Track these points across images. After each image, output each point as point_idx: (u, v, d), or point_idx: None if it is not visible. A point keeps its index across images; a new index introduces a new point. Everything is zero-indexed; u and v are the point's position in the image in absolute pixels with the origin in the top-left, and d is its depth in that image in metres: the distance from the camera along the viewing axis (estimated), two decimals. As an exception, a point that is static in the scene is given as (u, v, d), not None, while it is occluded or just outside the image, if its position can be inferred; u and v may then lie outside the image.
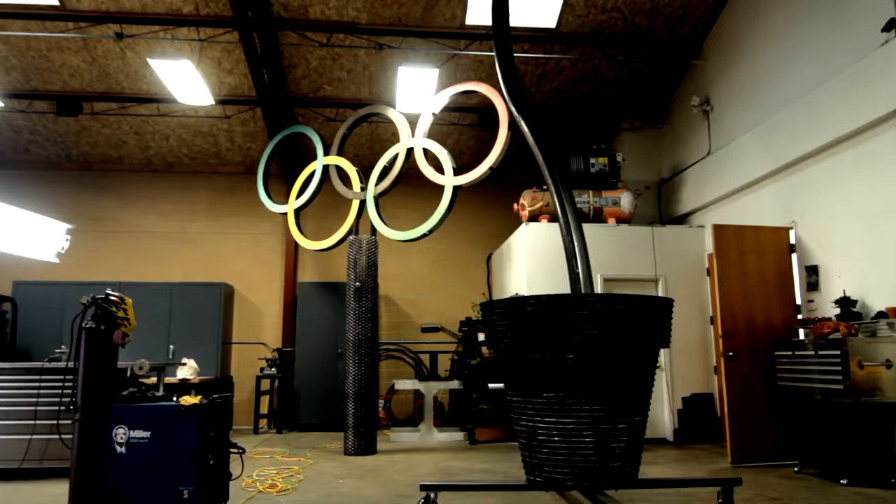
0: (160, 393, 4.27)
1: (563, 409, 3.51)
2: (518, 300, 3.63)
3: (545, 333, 3.50)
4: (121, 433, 3.74)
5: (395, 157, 7.27)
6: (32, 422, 5.35)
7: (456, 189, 6.77)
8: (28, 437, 5.33)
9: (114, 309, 3.93)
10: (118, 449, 3.73)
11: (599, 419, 3.50)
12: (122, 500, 3.67)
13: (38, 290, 8.83)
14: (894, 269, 5.18)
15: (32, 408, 5.38)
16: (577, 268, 4.45)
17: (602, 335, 3.45)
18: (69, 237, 8.34)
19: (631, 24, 8.03)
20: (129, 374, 5.14)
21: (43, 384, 5.40)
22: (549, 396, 3.54)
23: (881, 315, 5.11)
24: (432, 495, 3.73)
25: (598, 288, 7.40)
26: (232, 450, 4.08)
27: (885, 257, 5.25)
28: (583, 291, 4.41)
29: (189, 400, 3.77)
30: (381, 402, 9.20)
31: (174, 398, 3.94)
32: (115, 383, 3.99)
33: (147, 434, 3.73)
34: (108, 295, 3.98)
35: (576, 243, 4.48)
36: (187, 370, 7.71)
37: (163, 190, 10.15)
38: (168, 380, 7.16)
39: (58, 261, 8.41)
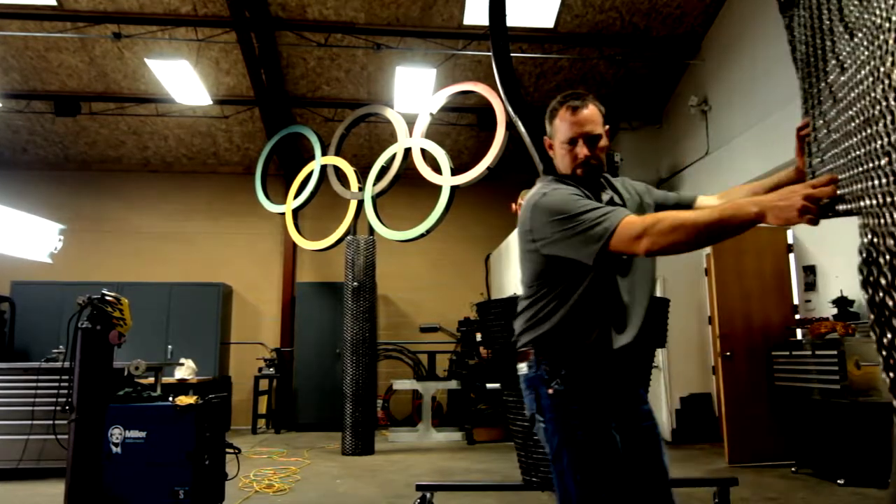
0: (157, 393, 4.27)
1: (558, 409, 3.51)
2: (513, 300, 3.63)
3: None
4: (116, 433, 3.74)
5: (393, 157, 7.27)
6: (30, 422, 5.35)
7: (454, 189, 6.77)
8: (25, 437, 5.33)
9: (109, 309, 3.93)
10: (114, 449, 3.73)
11: (595, 419, 3.49)
12: (118, 500, 3.67)
13: (36, 290, 8.82)
14: (891, 268, 5.17)
15: (30, 408, 5.38)
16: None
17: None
18: (62, 237, 8.31)
19: (629, 24, 8.03)
20: (126, 374, 5.14)
21: (40, 384, 5.40)
22: (544, 396, 3.54)
23: (878, 315, 5.10)
24: (428, 495, 3.73)
25: (596, 288, 7.40)
26: (228, 450, 4.08)
27: (883, 257, 5.24)
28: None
29: (185, 400, 3.77)
30: (380, 402, 9.20)
31: (170, 398, 3.94)
32: (111, 383, 3.99)
33: (143, 434, 3.74)
34: (103, 295, 3.98)
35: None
36: (185, 370, 7.71)
37: (161, 190, 10.15)
38: (166, 380, 7.16)
39: (51, 261, 8.37)
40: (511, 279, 8.34)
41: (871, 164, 1.24)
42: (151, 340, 8.61)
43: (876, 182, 1.21)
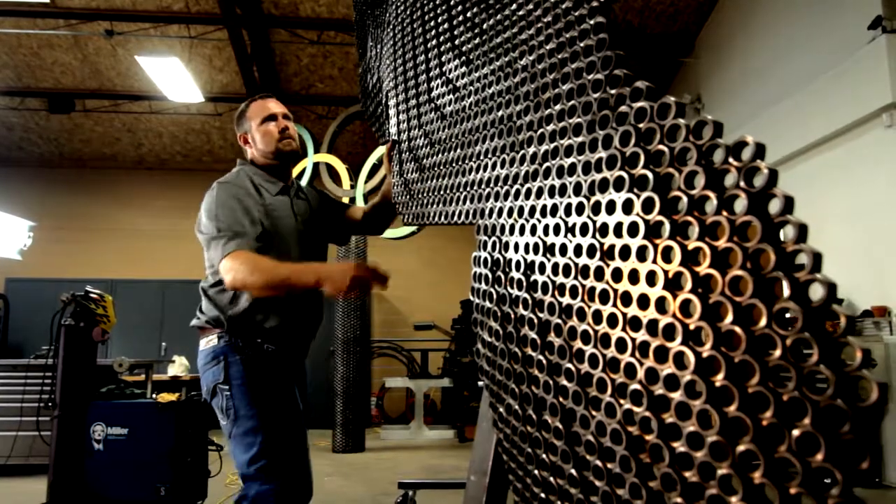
0: (148, 390, 4.28)
1: (539, 407, 3.51)
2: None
3: (521, 331, 3.50)
4: (99, 430, 3.75)
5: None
6: (18, 418, 5.35)
7: (445, 187, 6.76)
8: (14, 433, 5.33)
9: (93, 306, 3.94)
10: (96, 446, 3.74)
11: (576, 417, 3.49)
12: (100, 497, 3.68)
13: (30, 286, 8.84)
14: (880, 268, 5.16)
15: (18, 404, 5.38)
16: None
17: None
18: (31, 234, 8.24)
19: (623, 22, 8.00)
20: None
21: (28, 381, 5.41)
22: (525, 395, 3.54)
23: (867, 314, 5.09)
24: (410, 493, 3.73)
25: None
26: (210, 447, 4.08)
27: (871, 256, 5.23)
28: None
29: (167, 397, 3.77)
30: (374, 399, 9.20)
31: (153, 395, 3.94)
32: (95, 380, 4.00)
33: (125, 431, 3.74)
34: (87, 292, 3.99)
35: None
36: (178, 367, 7.71)
37: (156, 187, 10.16)
38: (158, 377, 7.16)
39: (20, 258, 8.32)
40: (504, 277, 8.33)
41: (474, 180, 1.34)
42: (146, 338, 8.63)
43: (488, 198, 1.29)
